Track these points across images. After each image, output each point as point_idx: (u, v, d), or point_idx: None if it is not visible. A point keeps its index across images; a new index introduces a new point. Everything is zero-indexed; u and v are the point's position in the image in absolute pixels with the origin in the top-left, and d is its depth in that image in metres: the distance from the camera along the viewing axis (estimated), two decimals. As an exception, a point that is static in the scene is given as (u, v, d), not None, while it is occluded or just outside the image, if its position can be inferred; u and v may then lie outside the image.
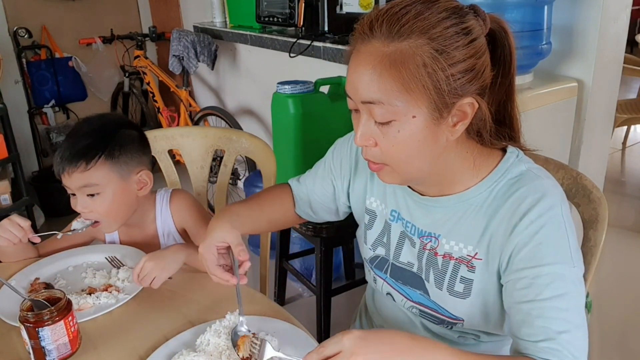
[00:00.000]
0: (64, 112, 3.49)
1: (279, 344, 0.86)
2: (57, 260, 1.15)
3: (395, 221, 0.91)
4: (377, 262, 0.95)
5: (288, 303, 2.24)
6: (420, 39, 0.69)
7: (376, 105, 0.71)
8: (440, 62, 0.69)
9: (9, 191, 2.63)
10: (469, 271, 0.82)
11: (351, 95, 0.75)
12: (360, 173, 0.97)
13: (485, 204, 0.79)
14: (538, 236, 0.73)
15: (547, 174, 0.80)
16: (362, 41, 0.72)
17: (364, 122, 0.75)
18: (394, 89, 0.70)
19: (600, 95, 1.53)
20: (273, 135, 1.87)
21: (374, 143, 0.75)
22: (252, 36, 2.53)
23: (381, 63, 0.69)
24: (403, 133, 0.72)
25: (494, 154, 0.82)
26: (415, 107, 0.71)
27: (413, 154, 0.75)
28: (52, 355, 0.84)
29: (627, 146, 3.82)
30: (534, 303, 0.73)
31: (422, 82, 0.69)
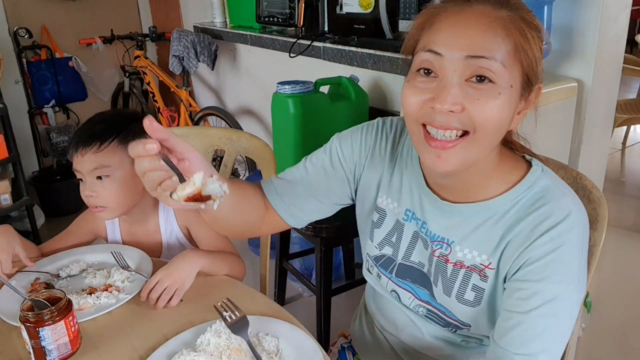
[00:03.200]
0: (64, 112, 3.49)
1: (279, 344, 0.86)
2: (57, 260, 1.16)
3: (409, 220, 0.89)
4: (383, 261, 0.93)
5: (288, 303, 2.24)
6: (525, 13, 0.71)
7: (489, 61, 0.68)
8: (540, 38, 0.72)
9: (9, 191, 2.63)
10: (481, 280, 0.81)
11: (449, 49, 0.69)
12: (374, 166, 0.93)
13: (507, 214, 0.78)
14: (553, 254, 0.73)
15: (571, 191, 0.80)
16: (469, 3, 0.71)
17: (455, 83, 0.69)
18: (507, 50, 0.69)
19: (600, 95, 1.53)
20: (273, 135, 1.87)
21: (461, 108, 0.69)
22: (252, 36, 2.53)
23: (496, 22, 0.69)
24: (502, 97, 0.70)
25: (519, 163, 0.82)
26: (514, 77, 0.70)
27: (501, 125, 0.72)
28: (53, 355, 0.84)
29: (627, 146, 3.82)
30: (526, 316, 0.74)
31: (526, 53, 0.70)
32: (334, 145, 0.95)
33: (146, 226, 1.26)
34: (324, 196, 0.95)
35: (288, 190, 0.94)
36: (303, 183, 0.94)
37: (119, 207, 1.16)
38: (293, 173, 0.96)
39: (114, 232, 1.27)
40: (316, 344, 0.85)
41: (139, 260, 1.13)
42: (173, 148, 0.69)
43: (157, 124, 0.65)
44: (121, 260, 1.11)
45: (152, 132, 0.65)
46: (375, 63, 1.80)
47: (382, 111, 1.94)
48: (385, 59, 1.75)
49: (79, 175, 1.15)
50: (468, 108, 0.69)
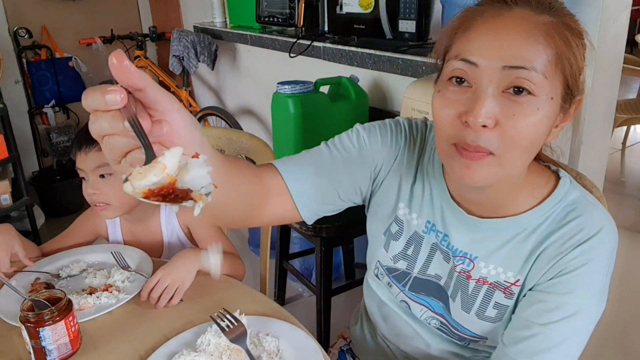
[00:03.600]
0: (64, 112, 3.49)
1: (279, 344, 0.86)
2: (57, 260, 1.16)
3: (428, 233, 0.84)
4: (397, 274, 0.88)
5: (288, 303, 2.24)
6: (568, 19, 0.67)
7: (529, 71, 0.62)
8: (584, 46, 0.67)
9: (9, 191, 2.63)
10: (506, 297, 0.78)
11: (485, 58, 0.64)
12: (398, 172, 0.86)
13: (538, 229, 0.75)
14: (584, 268, 0.71)
15: (598, 202, 0.77)
16: (508, 7, 0.66)
17: (488, 93, 0.64)
18: (547, 59, 0.63)
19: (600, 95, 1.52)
20: (273, 135, 1.87)
21: (494, 123, 0.64)
22: (252, 36, 2.53)
23: (537, 28, 0.63)
24: (542, 113, 0.64)
25: (547, 175, 0.79)
26: (555, 88, 0.65)
27: (536, 143, 0.67)
28: (53, 355, 0.84)
29: (627, 146, 3.82)
30: (544, 328, 0.72)
31: (569, 62, 0.65)
32: (360, 134, 0.85)
33: (147, 225, 1.26)
34: (344, 184, 0.83)
35: (306, 174, 0.81)
36: (324, 166, 0.82)
37: (121, 205, 1.16)
38: (311, 156, 0.83)
39: (115, 232, 1.27)
40: (316, 344, 0.85)
41: (139, 260, 1.13)
42: (150, 103, 0.49)
43: (129, 62, 0.46)
44: (121, 261, 1.11)
45: (122, 75, 0.46)
46: (375, 63, 1.80)
47: (382, 111, 1.94)
48: (385, 59, 1.75)
49: (82, 173, 1.15)
50: (502, 124, 0.64)
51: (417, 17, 1.66)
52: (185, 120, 0.51)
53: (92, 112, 0.47)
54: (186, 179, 0.47)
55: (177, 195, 0.47)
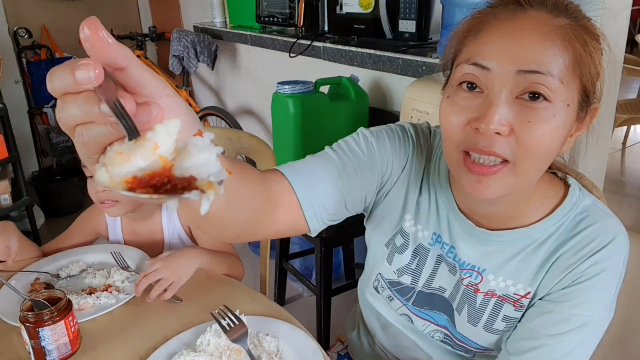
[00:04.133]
0: (64, 112, 3.49)
1: (279, 344, 0.86)
2: (57, 260, 1.15)
3: (434, 244, 0.81)
4: (400, 288, 0.85)
5: (288, 303, 2.24)
6: (585, 21, 0.64)
7: (543, 75, 0.59)
8: (601, 50, 0.64)
9: (9, 191, 2.63)
10: (515, 310, 0.75)
11: (498, 63, 0.61)
12: (404, 181, 0.82)
13: (549, 240, 0.73)
14: (595, 279, 0.69)
15: (610, 210, 0.75)
16: (523, 9, 0.63)
17: (501, 99, 0.60)
18: (564, 64, 0.60)
19: (600, 95, 1.53)
20: (273, 136, 1.87)
21: (508, 130, 0.61)
22: (252, 36, 2.53)
23: (554, 32, 0.60)
24: (558, 120, 0.61)
25: (556, 183, 0.76)
26: (571, 95, 0.62)
27: (552, 151, 0.63)
28: (53, 355, 0.84)
29: (627, 146, 3.82)
30: (551, 339, 0.71)
31: (587, 67, 0.62)
32: (368, 139, 0.79)
33: (149, 224, 1.26)
34: (354, 192, 0.77)
35: (315, 182, 0.73)
36: (334, 174, 0.75)
37: (129, 201, 1.16)
38: (319, 162, 0.76)
39: (116, 231, 1.28)
40: (316, 344, 0.85)
41: (138, 260, 1.13)
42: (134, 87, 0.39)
43: (107, 32, 0.36)
44: (121, 261, 1.11)
45: (98, 49, 0.36)
46: (375, 63, 1.79)
47: (382, 111, 1.94)
48: (385, 58, 1.75)
49: (87, 171, 1.14)
50: (517, 131, 0.61)
51: (417, 17, 1.66)
52: (179, 108, 0.41)
53: (60, 97, 0.37)
54: (187, 165, 0.34)
55: (176, 185, 0.33)
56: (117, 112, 0.34)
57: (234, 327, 0.84)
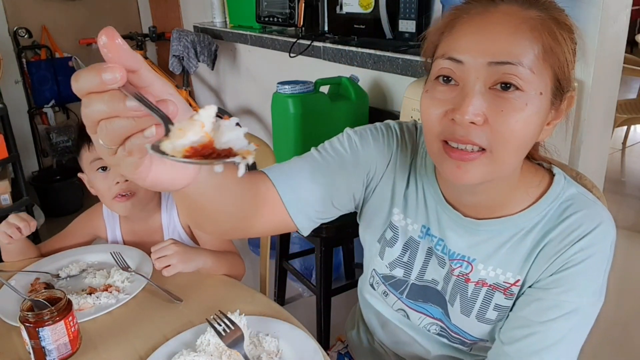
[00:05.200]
0: (64, 112, 3.49)
1: (279, 345, 0.86)
2: (57, 260, 1.15)
3: (423, 237, 0.83)
4: (393, 281, 0.87)
5: (288, 303, 2.24)
6: (557, 13, 0.66)
7: (516, 67, 0.62)
8: (572, 40, 0.67)
9: (9, 191, 2.63)
10: (506, 298, 0.77)
11: (470, 56, 0.63)
12: (390, 177, 0.84)
13: (536, 228, 0.75)
14: (582, 265, 0.71)
15: (597, 199, 0.77)
16: (494, 3, 0.66)
17: (475, 90, 0.63)
18: (535, 54, 0.63)
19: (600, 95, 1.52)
20: (273, 135, 1.87)
21: (482, 119, 0.63)
22: (252, 36, 2.53)
23: (524, 24, 0.63)
24: (530, 109, 0.63)
25: (541, 173, 0.78)
26: (544, 83, 0.64)
27: (526, 139, 0.66)
28: (53, 355, 0.84)
29: (627, 146, 3.82)
30: (542, 326, 0.72)
31: (557, 56, 0.64)
32: (352, 138, 0.83)
33: (148, 224, 1.26)
34: (339, 190, 0.81)
35: (298, 181, 0.77)
36: (318, 172, 0.79)
37: (145, 194, 1.19)
38: (303, 162, 0.80)
39: (115, 233, 1.27)
40: (316, 344, 0.85)
41: (138, 260, 1.13)
42: (143, 87, 0.44)
43: (122, 40, 0.41)
44: (121, 261, 1.11)
45: (115, 55, 0.41)
46: (375, 63, 1.79)
47: (382, 111, 1.94)
48: (385, 58, 1.75)
49: (103, 162, 1.15)
50: (491, 120, 0.63)
51: (417, 17, 1.66)
52: (181, 106, 0.46)
53: (85, 96, 0.43)
54: (223, 140, 0.43)
55: (219, 154, 0.43)
56: (148, 105, 0.41)
57: (230, 331, 0.83)
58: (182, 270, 1.06)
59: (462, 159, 0.66)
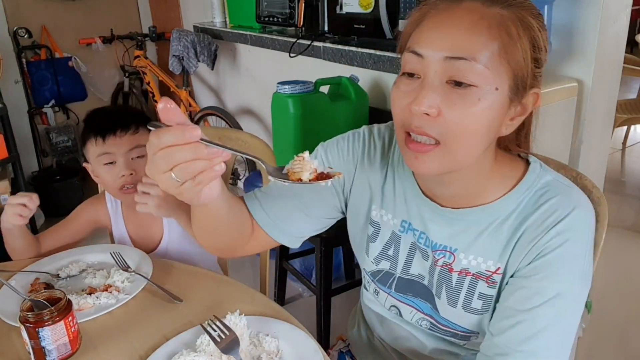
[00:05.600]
0: (64, 112, 3.49)
1: (279, 345, 0.86)
2: (57, 260, 1.15)
3: (405, 232, 0.85)
4: (381, 276, 0.90)
5: (288, 303, 2.24)
6: (523, 11, 0.68)
7: (467, 61, 0.64)
8: (543, 39, 0.68)
9: (9, 191, 2.63)
10: (489, 287, 0.78)
11: (429, 50, 0.66)
12: (365, 177, 0.88)
13: (512, 216, 0.76)
14: (560, 249, 0.72)
15: (574, 185, 0.78)
16: (453, 1, 0.68)
17: (433, 85, 0.66)
18: (491, 50, 0.65)
19: (600, 95, 1.52)
20: (273, 135, 1.87)
21: (437, 112, 0.66)
22: (252, 36, 2.53)
23: (482, 20, 0.65)
24: (483, 103, 0.66)
25: (517, 162, 0.80)
26: (500, 79, 0.66)
27: (479, 134, 0.68)
28: (52, 356, 0.84)
29: (627, 146, 3.82)
30: (527, 314, 0.72)
31: (521, 53, 0.66)
32: (319, 155, 0.89)
33: None
34: (312, 209, 0.88)
35: (272, 205, 0.87)
36: (288, 196, 0.87)
37: None
38: (278, 186, 0.88)
39: (117, 220, 1.30)
40: (316, 345, 0.85)
41: (138, 260, 1.13)
42: None
43: (175, 105, 0.57)
44: (121, 261, 1.11)
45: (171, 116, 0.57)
46: (375, 63, 1.79)
47: (382, 111, 1.94)
48: (385, 58, 1.75)
49: (111, 157, 1.18)
50: (445, 113, 0.66)
51: (417, 17, 1.66)
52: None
53: (165, 148, 0.56)
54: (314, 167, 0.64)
55: (323, 176, 0.63)
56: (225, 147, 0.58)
57: (225, 337, 0.83)
58: (153, 214, 1.11)
59: (418, 151, 0.70)
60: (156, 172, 0.59)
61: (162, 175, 0.59)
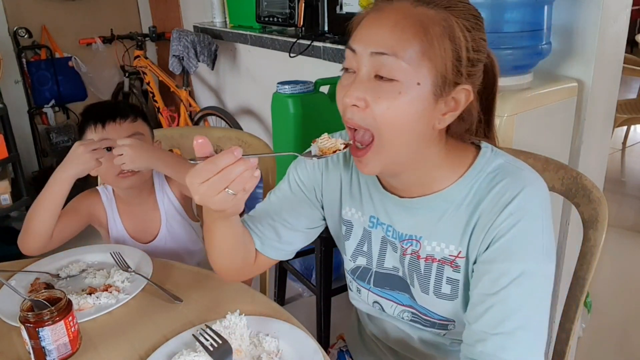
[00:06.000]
0: (64, 112, 3.49)
1: (279, 345, 0.86)
2: (57, 260, 1.16)
3: (374, 227, 0.89)
4: (359, 272, 0.93)
5: (288, 303, 2.25)
6: (446, 12, 0.71)
7: (389, 56, 0.69)
8: (465, 39, 0.71)
9: (9, 191, 2.63)
10: (454, 271, 0.81)
11: (360, 45, 0.72)
12: (332, 181, 0.93)
13: (466, 200, 0.79)
14: (515, 229, 0.73)
15: (526, 165, 0.80)
16: (386, 1, 0.73)
17: (361, 78, 0.72)
18: (412, 47, 0.69)
19: (600, 95, 1.52)
20: (273, 135, 1.87)
21: (365, 104, 0.72)
22: (252, 36, 2.53)
23: (406, 19, 0.70)
24: (404, 97, 0.70)
25: (468, 150, 0.82)
26: (423, 75, 0.70)
27: (406, 126, 0.72)
28: (53, 356, 0.84)
29: (627, 146, 3.82)
30: (496, 296, 0.73)
31: (441, 51, 0.70)
32: (291, 172, 0.96)
33: (144, 201, 1.33)
34: (294, 223, 0.94)
35: (259, 224, 0.94)
36: (270, 214, 0.95)
37: (147, 172, 1.28)
38: (261, 207, 0.97)
39: (113, 213, 1.32)
40: (316, 344, 0.85)
41: (138, 260, 1.13)
42: None
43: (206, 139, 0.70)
44: (121, 261, 1.11)
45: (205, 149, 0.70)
46: (375, 63, 1.79)
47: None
48: (385, 59, 1.74)
49: (109, 143, 1.20)
50: (372, 106, 0.71)
51: (417, 17, 1.66)
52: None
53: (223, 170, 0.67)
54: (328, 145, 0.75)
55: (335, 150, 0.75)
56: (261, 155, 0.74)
57: (217, 346, 0.82)
58: (131, 168, 1.18)
59: (358, 156, 0.76)
60: (212, 194, 0.68)
61: (217, 195, 0.68)
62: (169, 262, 1.15)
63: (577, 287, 0.96)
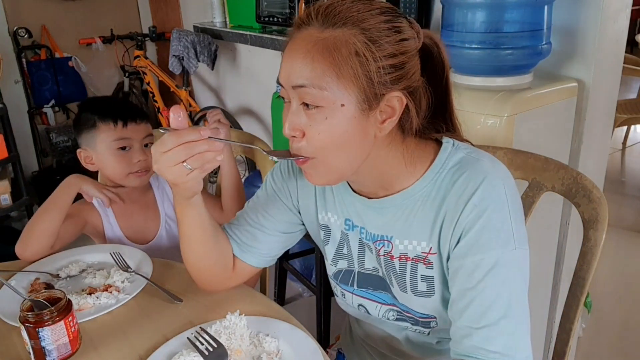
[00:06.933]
0: (64, 112, 3.49)
1: (279, 345, 0.86)
2: (57, 260, 1.15)
3: (351, 229, 0.90)
4: (341, 276, 0.93)
5: (288, 303, 2.25)
6: (354, 29, 0.70)
7: (307, 88, 0.71)
8: (372, 51, 0.70)
9: (9, 191, 2.63)
10: (427, 268, 0.81)
11: (283, 81, 0.74)
12: (306, 187, 0.94)
13: (430, 197, 0.79)
14: (481, 220, 0.73)
15: (487, 154, 0.80)
16: (298, 29, 0.74)
17: (292, 111, 0.74)
18: (326, 73, 0.70)
19: (600, 95, 1.52)
20: (273, 135, 1.87)
21: (301, 134, 0.74)
22: (252, 36, 2.53)
23: (315, 47, 0.70)
24: (331, 121, 0.72)
25: (429, 147, 0.82)
26: (345, 95, 0.71)
27: (340, 146, 0.74)
28: (53, 356, 0.84)
29: (627, 146, 3.82)
30: (474, 290, 0.73)
31: (353, 70, 0.70)
32: (268, 178, 0.98)
33: (144, 200, 1.35)
34: (271, 228, 0.95)
35: (236, 230, 0.95)
36: (247, 220, 0.96)
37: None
38: (239, 214, 0.98)
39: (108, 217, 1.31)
40: (316, 345, 0.85)
41: (138, 260, 1.13)
42: None
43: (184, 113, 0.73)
44: (121, 261, 1.11)
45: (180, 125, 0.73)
46: (375, 63, 1.79)
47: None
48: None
49: (127, 142, 1.25)
50: (307, 134, 0.74)
51: (417, 16, 1.66)
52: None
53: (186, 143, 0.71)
54: None
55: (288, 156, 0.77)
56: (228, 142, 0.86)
57: (213, 350, 0.82)
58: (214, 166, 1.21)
59: (300, 165, 0.78)
60: (170, 164, 0.72)
61: (174, 167, 0.72)
62: (169, 262, 1.15)
63: (577, 287, 0.96)
